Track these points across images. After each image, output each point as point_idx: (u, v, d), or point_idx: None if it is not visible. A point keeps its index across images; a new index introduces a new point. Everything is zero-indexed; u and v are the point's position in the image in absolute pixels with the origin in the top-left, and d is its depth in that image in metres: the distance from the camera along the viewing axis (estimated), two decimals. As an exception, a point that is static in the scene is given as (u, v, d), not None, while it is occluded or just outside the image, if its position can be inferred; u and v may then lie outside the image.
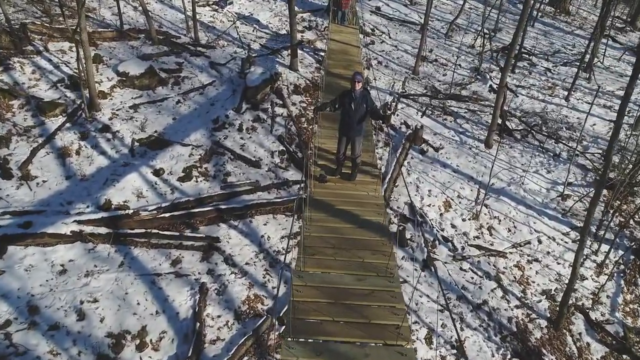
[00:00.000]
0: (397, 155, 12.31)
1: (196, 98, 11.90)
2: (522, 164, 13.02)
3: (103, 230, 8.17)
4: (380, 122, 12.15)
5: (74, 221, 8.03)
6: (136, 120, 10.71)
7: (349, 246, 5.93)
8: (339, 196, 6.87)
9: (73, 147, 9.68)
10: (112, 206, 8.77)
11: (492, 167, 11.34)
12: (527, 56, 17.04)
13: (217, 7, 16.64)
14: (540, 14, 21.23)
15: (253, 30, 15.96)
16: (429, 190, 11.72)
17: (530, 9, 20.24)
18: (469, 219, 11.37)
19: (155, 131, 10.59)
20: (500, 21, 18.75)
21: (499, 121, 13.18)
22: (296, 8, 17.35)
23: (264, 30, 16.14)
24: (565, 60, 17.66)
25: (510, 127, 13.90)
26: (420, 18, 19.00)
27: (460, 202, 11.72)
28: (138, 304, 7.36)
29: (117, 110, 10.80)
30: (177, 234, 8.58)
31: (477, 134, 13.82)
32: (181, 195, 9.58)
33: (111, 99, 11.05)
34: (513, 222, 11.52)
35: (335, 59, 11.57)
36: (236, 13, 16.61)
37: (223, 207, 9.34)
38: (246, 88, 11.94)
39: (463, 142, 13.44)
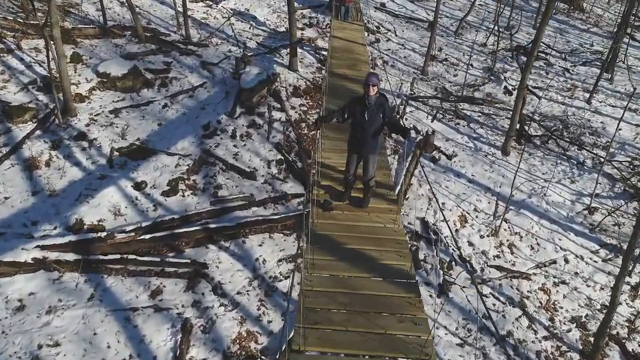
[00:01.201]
0: (407, 164, 11.19)
1: (185, 101, 10.77)
2: (544, 173, 11.89)
3: (71, 256, 7.04)
4: (401, 136, 11.02)
5: (37, 246, 6.90)
6: (116, 127, 9.58)
7: (365, 306, 4.39)
8: (348, 230, 5.37)
9: (42, 158, 8.55)
10: (84, 226, 7.64)
11: (514, 178, 10.19)
12: (543, 55, 15.90)
13: (211, 3, 15.51)
14: (553, 10, 20.06)
15: (249, 28, 14.83)
16: (443, 204, 10.59)
17: (540, 6, 19.14)
18: (488, 236, 10.24)
19: (138, 139, 9.46)
20: (513, 18, 17.62)
21: (517, 126, 12.06)
22: (296, 4, 16.24)
23: (261, 28, 15.01)
24: (584, 60, 16.51)
25: (529, 133, 12.75)
26: (428, 15, 17.88)
27: (477, 217, 10.60)
28: (108, 346, 6.22)
29: (95, 115, 9.67)
30: (159, 259, 7.45)
31: (492, 140, 12.68)
32: (165, 212, 8.45)
33: (89, 103, 9.92)
34: (536, 239, 10.38)
35: (339, 57, 10.43)
36: (231, 9, 15.49)
37: (213, 225, 8.21)
38: (240, 90, 10.81)
39: (478, 148, 12.31)
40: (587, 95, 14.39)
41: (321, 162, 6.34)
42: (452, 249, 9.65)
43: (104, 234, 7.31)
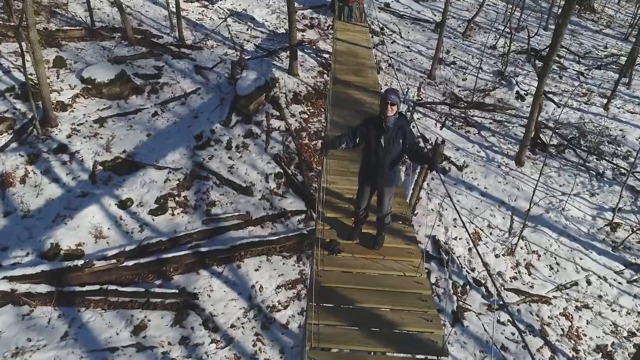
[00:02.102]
0: (415, 176, 10.42)
1: (177, 109, 10.00)
2: (561, 185, 11.12)
3: (43, 288, 6.26)
4: (427, 168, 10.24)
5: (4, 277, 6.13)
6: (101, 138, 8.80)
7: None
8: (359, 281, 4.35)
9: (17, 174, 7.77)
10: (61, 252, 6.87)
11: (533, 194, 9.42)
12: (557, 58, 15.10)
13: (207, 3, 14.72)
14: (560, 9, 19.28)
15: (247, 29, 14.05)
16: (454, 220, 9.83)
17: (551, 6, 18.39)
18: (503, 255, 9.49)
19: (124, 151, 8.68)
20: (524, 20, 16.83)
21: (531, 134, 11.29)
22: (296, 4, 15.46)
23: (260, 29, 14.23)
24: (599, 63, 15.71)
25: (545, 142, 11.97)
26: (435, 15, 17.10)
27: (491, 234, 9.85)
28: (82, 396, 5.46)
29: (78, 125, 8.90)
30: (143, 289, 6.67)
31: (505, 149, 11.91)
32: (152, 233, 7.68)
33: (72, 112, 9.14)
34: (555, 258, 9.62)
35: (343, 62, 9.63)
36: (228, 9, 14.71)
37: (204, 249, 7.43)
38: (236, 97, 10.04)
39: (490, 158, 11.54)
40: (604, 100, 13.62)
41: (325, 187, 5.43)
42: (466, 271, 8.89)
43: (81, 262, 6.52)
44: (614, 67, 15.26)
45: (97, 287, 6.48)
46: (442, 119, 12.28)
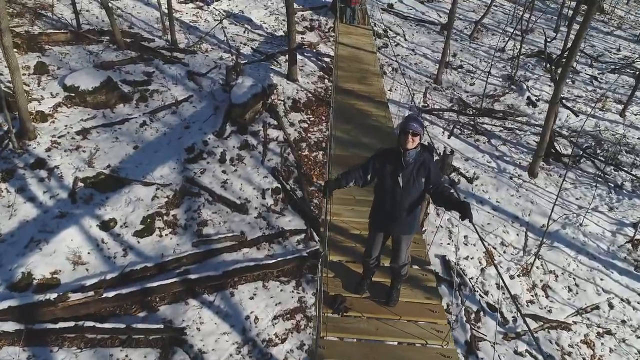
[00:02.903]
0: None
1: (167, 119, 9.32)
2: (577, 199, 10.45)
3: (11, 326, 5.58)
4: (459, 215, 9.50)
5: (-34, 315, 5.45)
6: (83, 151, 8.12)
7: None
8: (370, 355, 3.44)
9: (-11, 193, 7.10)
10: (34, 282, 6.19)
11: (552, 210, 8.74)
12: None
13: (201, 4, 14.04)
14: (572, 12, 18.60)
15: (244, 32, 13.37)
16: (465, 237, 9.16)
17: (562, 7, 17.71)
18: (519, 276, 8.80)
19: (108, 166, 8.00)
20: (533, 22, 16.13)
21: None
22: (295, 5, 14.78)
23: (257, 31, 13.55)
24: (612, 67, 15.02)
25: (559, 151, 11.30)
26: (440, 17, 16.42)
27: (504, 252, 9.17)
28: None
29: (59, 137, 8.22)
30: (124, 326, 5.98)
31: (517, 159, 11.23)
32: (137, 257, 7.00)
33: (53, 122, 8.46)
34: (574, 279, 8.94)
35: (345, 68, 8.91)
36: (224, 11, 14.02)
37: (194, 276, 6.75)
38: (231, 106, 9.35)
39: (501, 169, 10.86)
40: (620, 107, 12.94)
41: (327, 221, 4.57)
42: (479, 295, 8.21)
43: (54, 295, 5.83)
44: (629, 70, 14.57)
45: (72, 323, 5.79)
46: (450, 127, 11.60)
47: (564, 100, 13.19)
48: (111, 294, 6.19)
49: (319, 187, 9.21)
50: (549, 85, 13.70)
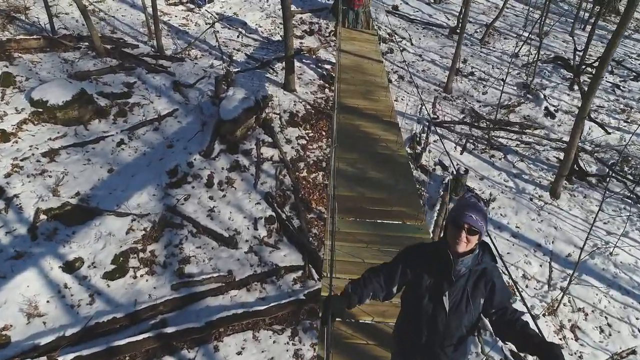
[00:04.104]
0: (435, 214, 8.74)
1: (148, 136, 8.29)
2: (605, 223, 9.40)
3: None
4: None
5: None
6: (49, 176, 7.10)
7: None
8: None
9: None
10: (-23, 342, 5.17)
11: (585, 242, 7.70)
12: (589, 68, 13.39)
13: (192, 7, 13.01)
14: (588, 14, 17.58)
15: (238, 36, 12.35)
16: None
17: (578, 10, 16.68)
18: (544, 315, 7.77)
19: (77, 193, 6.99)
20: (549, 25, 15.09)
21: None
22: (293, 7, 13.75)
23: (252, 36, 12.53)
24: (635, 74, 13.98)
25: (584, 169, 10.27)
26: (449, 20, 15.38)
27: (527, 287, 8.15)
28: None
29: (21, 159, 7.20)
30: (81, 399, 4.97)
31: (536, 178, 10.20)
32: (106, 305, 5.99)
33: (16, 142, 7.44)
34: (606, 317, 7.91)
35: (349, 81, 7.82)
36: (217, 14, 13.00)
37: (171, 330, 5.73)
38: (220, 122, 8.33)
39: (520, 189, 9.83)
40: (646, 118, 11.93)
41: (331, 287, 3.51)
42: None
43: (-3, 362, 4.82)
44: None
45: (18, 397, 4.78)
46: (463, 141, 10.57)
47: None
48: (69, 357, 5.17)
49: (319, 178, 8.05)
50: (568, 95, 12.68)
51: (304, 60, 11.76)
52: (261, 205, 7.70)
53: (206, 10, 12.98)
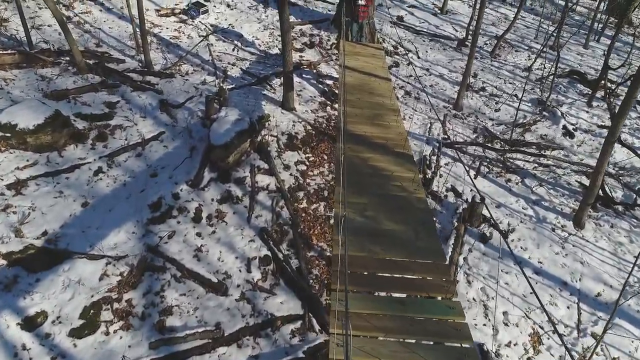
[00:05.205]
0: (449, 248, 7.85)
1: (129, 163, 7.43)
2: (636, 256, 8.50)
3: None
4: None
5: None
6: (14, 212, 6.24)
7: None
8: None
9: None
10: None
11: (625, 284, 6.79)
12: (608, 84, 12.55)
13: (185, 18, 12.22)
14: (601, 25, 16.83)
15: (233, 49, 11.54)
16: (504, 313, 7.25)
17: (592, 22, 15.92)
18: (575, 367, 6.87)
19: (44, 233, 6.11)
20: (565, 38, 14.31)
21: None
22: (293, 18, 12.99)
23: (249, 49, 11.72)
24: (656, 89, 13.12)
25: (610, 195, 9.41)
26: (456, 31, 14.60)
27: (553, 332, 7.24)
28: None
29: (-18, 193, 6.34)
30: None
31: (557, 205, 9.33)
32: (71, 370, 5.09)
33: (-22, 173, 6.58)
34: (644, 369, 7.01)
35: (354, 102, 6.89)
36: (211, 25, 12.20)
37: (145, 403, 4.83)
38: (211, 147, 7.48)
39: (540, 218, 8.96)
40: (672, 138, 11.09)
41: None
42: (530, 401, 6.29)
43: None
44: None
45: None
46: (477, 164, 9.72)
47: (602, 127, 11.32)
48: None
49: (320, 209, 7.28)
50: (587, 112, 11.86)
51: (303, 75, 10.94)
52: (255, 243, 6.82)
53: (200, 21, 12.19)
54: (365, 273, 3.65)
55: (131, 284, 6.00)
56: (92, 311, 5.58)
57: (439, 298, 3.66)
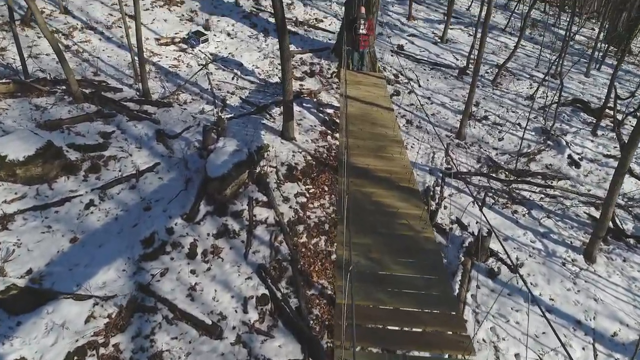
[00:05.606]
0: (457, 285, 7.48)
1: (122, 196, 7.15)
2: (651, 292, 8.14)
3: None
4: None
5: None
6: (-3, 249, 5.91)
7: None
8: None
9: None
10: None
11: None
12: (611, 112, 12.41)
13: (185, 47, 12.16)
14: (601, 54, 16.85)
15: (233, 78, 11.43)
16: (516, 356, 6.84)
17: (593, 51, 15.93)
18: (594, 415, 6.42)
19: (29, 271, 5.77)
20: (568, 68, 14.26)
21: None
22: (293, 47, 12.95)
23: (248, 78, 11.61)
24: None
25: (621, 227, 9.10)
26: (457, 60, 14.57)
27: (570, 376, 6.76)
28: None
29: (-34, 229, 6.03)
30: None
31: (567, 237, 9.01)
32: None
33: (-37, 207, 6.29)
34: (668, 417, 6.54)
35: (357, 134, 6.62)
36: (211, 54, 12.14)
37: None
38: (207, 179, 7.21)
39: (550, 252, 8.62)
40: (680, 167, 10.85)
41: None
42: None
43: None
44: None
45: None
46: (482, 195, 9.44)
47: (609, 157, 11.10)
48: None
49: (320, 244, 6.96)
50: (592, 141, 11.66)
51: (304, 104, 10.78)
52: (252, 281, 6.47)
53: (200, 50, 12.13)
54: (371, 326, 3.31)
55: (119, 327, 5.62)
56: (75, 357, 5.19)
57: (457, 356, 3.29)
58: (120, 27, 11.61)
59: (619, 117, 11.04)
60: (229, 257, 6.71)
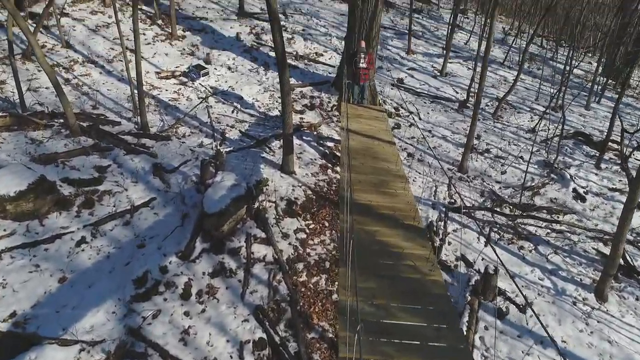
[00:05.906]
0: (464, 326, 7.13)
1: (115, 233, 6.90)
2: (667, 334, 7.76)
3: None
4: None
5: None
6: (-19, 291, 5.61)
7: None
8: None
9: None
10: None
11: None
12: (614, 145, 12.31)
13: (185, 80, 12.16)
14: (599, 87, 16.93)
15: (232, 111, 11.36)
16: (531, 405, 6.42)
17: (593, 84, 16.00)
18: None
19: (13, 314, 5.46)
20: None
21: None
22: (293, 80, 12.97)
23: (248, 111, 11.55)
24: (663, 151, 12.86)
25: (632, 264, 8.80)
26: (457, 93, 14.59)
27: None
28: None
29: (-51, 268, 5.75)
30: None
31: (576, 275, 8.69)
32: None
33: (-52, 245, 6.03)
34: None
35: (358, 169, 6.44)
36: (211, 87, 12.13)
37: None
38: (204, 215, 6.98)
39: (559, 290, 8.29)
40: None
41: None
42: None
43: None
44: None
45: None
46: (486, 231, 9.18)
47: (615, 191, 10.89)
48: None
49: (321, 284, 6.64)
50: (596, 174, 11.49)
51: (304, 137, 10.67)
52: (249, 324, 6.14)
53: (200, 83, 12.12)
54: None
55: (106, 375, 5.27)
56: (57, 410, 4.82)
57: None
58: (121, 60, 11.64)
59: (625, 150, 10.90)
60: (224, 298, 6.40)
